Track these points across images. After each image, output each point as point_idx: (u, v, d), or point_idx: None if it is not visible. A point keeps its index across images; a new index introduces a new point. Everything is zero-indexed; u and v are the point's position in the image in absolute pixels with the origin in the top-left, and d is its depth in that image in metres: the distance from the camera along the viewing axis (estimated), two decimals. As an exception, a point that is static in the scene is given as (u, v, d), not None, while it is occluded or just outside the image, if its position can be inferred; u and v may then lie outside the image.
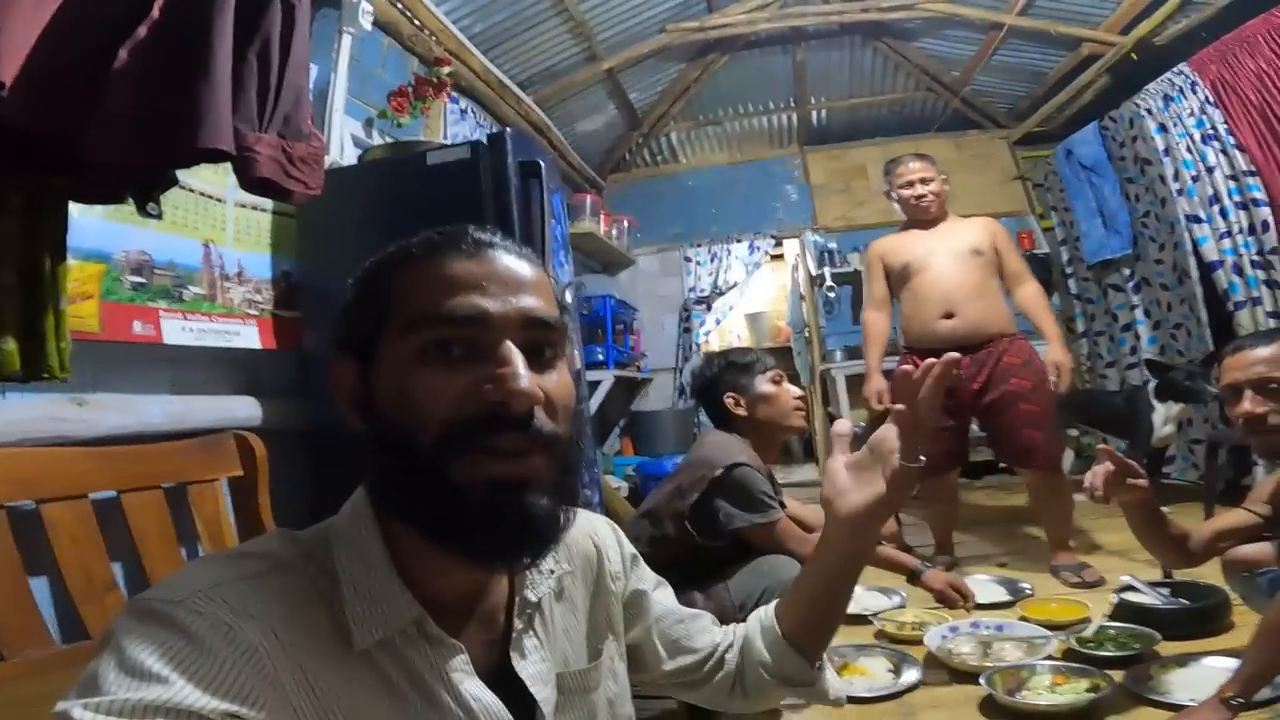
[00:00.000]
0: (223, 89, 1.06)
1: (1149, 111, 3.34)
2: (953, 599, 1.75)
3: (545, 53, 3.76)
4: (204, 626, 0.44)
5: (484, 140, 1.88)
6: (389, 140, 2.47)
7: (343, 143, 2.32)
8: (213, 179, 1.76)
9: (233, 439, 1.46)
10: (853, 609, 2.13)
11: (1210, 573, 1.70)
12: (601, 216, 4.39)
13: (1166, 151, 3.27)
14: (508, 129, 2.24)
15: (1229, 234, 2.99)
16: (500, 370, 0.50)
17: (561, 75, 3.98)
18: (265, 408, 1.81)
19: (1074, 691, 1.42)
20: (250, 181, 1.14)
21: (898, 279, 2.62)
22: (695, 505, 1.62)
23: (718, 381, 1.77)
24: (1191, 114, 3.12)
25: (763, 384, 1.74)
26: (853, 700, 1.54)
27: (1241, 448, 2.63)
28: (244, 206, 1.88)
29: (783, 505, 1.68)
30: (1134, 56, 3.62)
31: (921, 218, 2.60)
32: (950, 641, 1.71)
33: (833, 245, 4.83)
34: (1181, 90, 3.16)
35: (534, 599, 0.62)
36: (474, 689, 0.55)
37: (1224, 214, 3.00)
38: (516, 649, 0.59)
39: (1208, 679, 1.36)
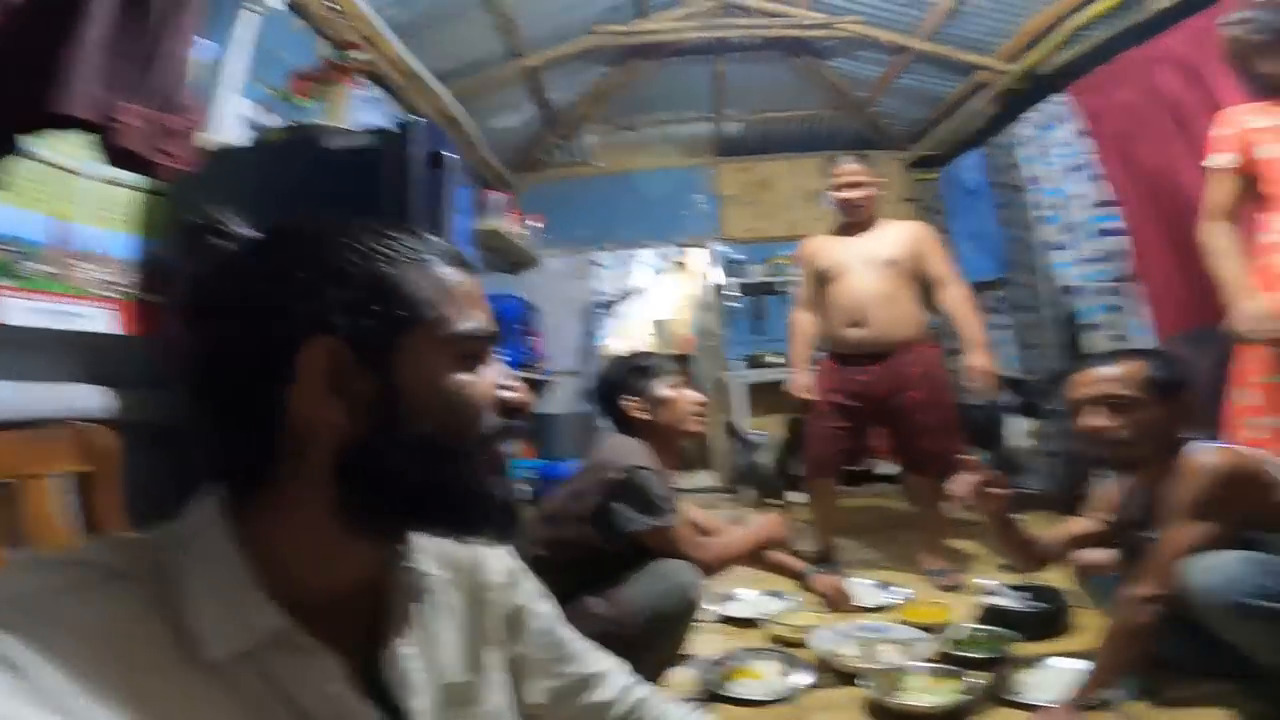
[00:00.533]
0: (90, 56, 0.99)
1: (1026, 139, 3.52)
2: (836, 601, 1.82)
3: (466, 45, 3.64)
4: (9, 643, 0.40)
5: (389, 128, 1.80)
6: (288, 124, 2.32)
7: (232, 122, 2.15)
8: (72, 151, 1.59)
9: (72, 430, 1.30)
10: (746, 613, 2.20)
11: (1055, 575, 1.85)
12: (511, 215, 4.31)
13: (1035, 180, 3.46)
14: (415, 117, 2.16)
15: (1086, 260, 3.18)
16: (512, 381, 0.58)
17: (481, 69, 3.87)
18: (122, 398, 1.64)
19: (945, 692, 1.50)
20: (112, 152, 1.06)
21: (819, 283, 2.69)
22: (594, 508, 1.61)
23: (618, 385, 1.78)
24: (1065, 142, 3.26)
25: (662, 389, 1.75)
26: (747, 703, 1.58)
27: (1087, 459, 2.86)
28: (107, 181, 1.70)
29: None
30: (1018, 87, 3.80)
31: (851, 219, 2.67)
32: (835, 644, 1.76)
33: (739, 256, 4.96)
34: (1058, 118, 3.31)
35: (408, 606, 0.59)
36: (347, 701, 0.52)
37: (1083, 241, 3.19)
38: (389, 658, 0.57)
39: (1054, 680, 1.49)
